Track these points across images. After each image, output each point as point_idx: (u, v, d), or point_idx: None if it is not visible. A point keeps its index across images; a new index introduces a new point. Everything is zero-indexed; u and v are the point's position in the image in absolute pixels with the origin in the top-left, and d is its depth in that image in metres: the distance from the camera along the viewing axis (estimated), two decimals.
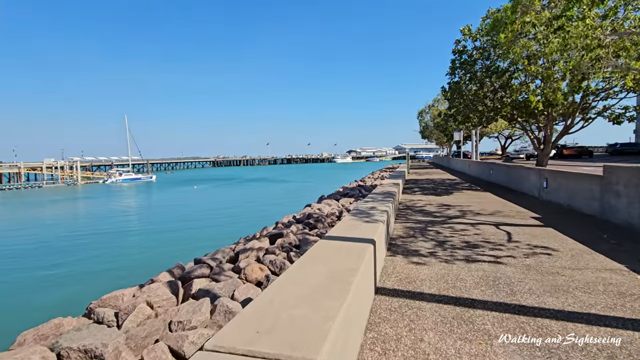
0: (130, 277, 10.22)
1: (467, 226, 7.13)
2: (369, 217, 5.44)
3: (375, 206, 6.57)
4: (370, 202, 7.20)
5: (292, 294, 2.38)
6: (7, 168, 75.89)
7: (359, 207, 6.64)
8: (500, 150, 62.48)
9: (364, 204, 7.03)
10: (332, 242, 3.95)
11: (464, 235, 6.39)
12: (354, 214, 5.82)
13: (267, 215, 21.69)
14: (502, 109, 13.96)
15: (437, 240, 6.10)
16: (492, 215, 8.22)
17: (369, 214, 5.73)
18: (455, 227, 7.11)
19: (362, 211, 6.05)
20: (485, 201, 10.69)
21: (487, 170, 18.24)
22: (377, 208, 6.32)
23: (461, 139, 31.69)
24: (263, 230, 10.73)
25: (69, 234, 18.67)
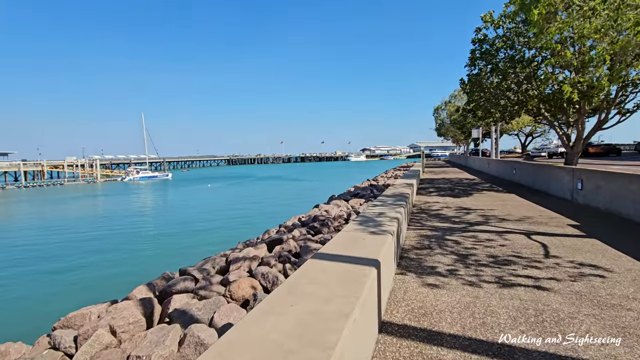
0: (120, 286, 9.63)
1: (492, 235, 6.13)
2: (376, 225, 4.55)
3: (384, 212, 5.66)
4: (379, 207, 6.29)
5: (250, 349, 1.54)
6: (31, 166, 78.17)
7: (366, 212, 5.75)
8: (520, 148, 60.10)
9: (372, 208, 6.14)
10: (324, 263, 3.09)
11: (489, 247, 5.41)
12: (359, 221, 4.94)
13: (275, 215, 20.99)
14: (527, 102, 12.73)
15: (457, 253, 5.14)
16: (520, 222, 7.17)
17: (377, 222, 4.84)
18: (479, 236, 6.12)
19: (369, 218, 5.16)
20: (510, 204, 9.59)
21: (510, 170, 16.96)
22: (387, 214, 5.42)
23: (480, 136, 30.16)
24: (265, 234, 9.97)
25: (73, 234, 18.44)
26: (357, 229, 4.47)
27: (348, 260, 3.14)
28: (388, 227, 4.39)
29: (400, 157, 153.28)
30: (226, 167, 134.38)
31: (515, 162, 16.76)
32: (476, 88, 13.75)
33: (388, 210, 5.75)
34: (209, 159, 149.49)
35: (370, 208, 6.22)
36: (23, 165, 76.54)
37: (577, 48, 9.14)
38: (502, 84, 13.04)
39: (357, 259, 3.17)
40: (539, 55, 11.64)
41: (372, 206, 6.44)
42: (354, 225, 4.73)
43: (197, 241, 15.49)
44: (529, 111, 14.19)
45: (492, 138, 28.95)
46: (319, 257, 3.32)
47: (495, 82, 13.25)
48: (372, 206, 6.44)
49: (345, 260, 3.13)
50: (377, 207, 6.31)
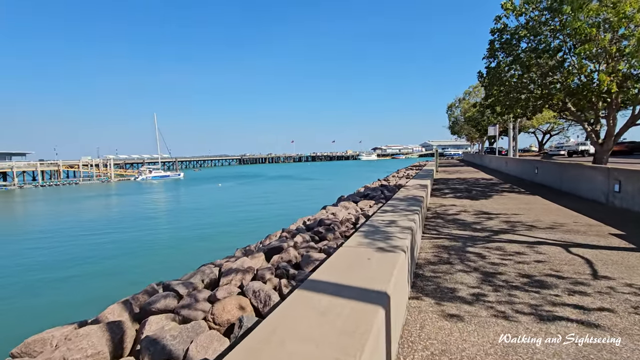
0: (112, 295, 9.08)
1: (521, 247, 5.26)
2: (385, 239, 3.78)
3: (395, 219, 4.88)
4: (389, 213, 5.50)
5: None
6: (47, 166, 79.93)
7: (374, 220, 4.98)
8: (538, 146, 58.05)
9: (381, 214, 5.36)
10: (314, 299, 2.34)
11: (521, 262, 4.56)
12: (365, 232, 4.17)
13: (283, 216, 20.35)
14: (553, 96, 11.67)
15: (482, 270, 4.32)
16: (553, 230, 6.26)
17: (386, 233, 4.06)
18: (506, 247, 5.26)
19: (377, 228, 4.38)
20: (536, 208, 8.64)
21: (531, 169, 15.85)
22: (398, 223, 4.63)
23: (497, 134, 28.85)
24: (266, 239, 9.28)
25: (76, 236, 18.16)
26: (362, 242, 3.70)
27: (347, 292, 2.38)
28: (400, 242, 3.61)
29: (412, 156, 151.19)
30: (237, 166, 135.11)
31: (537, 160, 15.65)
32: (495, 81, 12.74)
33: (399, 218, 4.96)
34: (220, 159, 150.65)
35: (379, 214, 5.43)
36: (40, 165, 78.28)
37: (614, 33, 8.12)
38: (525, 77, 12.02)
39: (359, 290, 2.41)
40: (567, 43, 10.59)
41: (381, 212, 5.66)
42: (359, 237, 3.96)
43: (201, 245, 14.94)
44: (552, 106, 13.10)
45: (509, 136, 27.65)
46: (310, 288, 2.56)
47: (516, 75, 12.23)
48: (381, 212, 5.66)
49: (343, 294, 2.37)
50: (387, 213, 5.52)
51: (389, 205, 6.36)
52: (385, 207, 6.25)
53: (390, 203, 6.62)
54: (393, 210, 5.76)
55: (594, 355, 2.49)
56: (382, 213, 5.54)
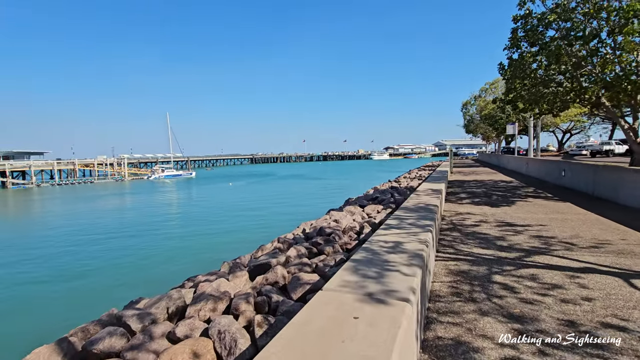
0: (99, 304, 8.28)
1: (563, 275, 4.12)
2: (383, 277, 2.74)
3: (401, 241, 3.82)
4: (394, 230, 4.44)
5: None
6: (64, 165, 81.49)
7: (373, 242, 3.93)
8: (557, 145, 55.56)
9: (384, 232, 4.30)
10: None
11: (565, 302, 3.43)
12: (357, 264, 3.13)
13: (289, 219, 19.42)
14: (587, 89, 10.32)
15: (516, 314, 3.22)
16: (598, 250, 5.07)
17: (387, 265, 3.02)
18: (542, 276, 4.13)
19: (376, 255, 3.34)
20: (571, 219, 7.40)
21: (556, 171, 14.43)
22: (405, 247, 3.58)
23: (516, 132, 27.19)
24: (258, 251, 8.31)
25: (78, 236, 17.65)
26: (350, 283, 2.67)
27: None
28: (404, 283, 2.56)
29: (425, 156, 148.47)
30: (249, 165, 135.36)
31: (564, 161, 14.22)
32: (519, 73, 11.43)
33: (407, 239, 3.89)
34: (232, 158, 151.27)
35: (382, 232, 4.38)
36: (57, 164, 79.77)
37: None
38: (553, 68, 10.70)
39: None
40: (604, 29, 9.24)
41: (385, 228, 4.60)
42: (348, 273, 2.92)
43: (198, 251, 14.13)
44: (583, 101, 11.71)
45: (530, 134, 25.99)
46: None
47: (543, 66, 10.91)
48: (385, 228, 4.60)
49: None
50: (392, 229, 4.46)
51: (395, 218, 5.29)
52: (391, 219, 5.19)
53: (397, 215, 5.54)
54: (399, 225, 4.69)
55: None
56: (386, 230, 4.49)
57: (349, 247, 7.52)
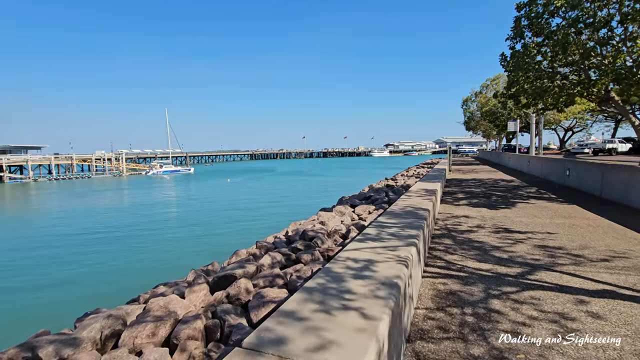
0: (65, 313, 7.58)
1: (574, 302, 3.35)
2: (331, 322, 1.98)
3: (375, 259, 3.05)
4: (370, 242, 3.67)
5: None
6: (61, 160, 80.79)
7: (337, 262, 3.16)
8: (559, 144, 54.71)
9: (355, 248, 3.52)
10: None
11: (585, 348, 2.67)
12: (308, 295, 2.37)
13: (281, 217, 18.69)
14: (595, 82, 9.50)
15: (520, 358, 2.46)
16: (614, 265, 4.29)
17: (347, 299, 2.25)
18: (551, 303, 3.35)
19: (337, 280, 2.57)
20: (579, 224, 6.62)
21: (560, 170, 13.63)
22: (378, 269, 2.81)
23: (517, 129, 26.33)
24: (232, 257, 7.56)
25: (51, 238, 16.93)
26: (283, 337, 1.89)
27: None
28: (359, 342, 1.79)
29: (425, 153, 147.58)
30: (249, 161, 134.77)
31: (569, 160, 13.41)
32: (522, 65, 10.60)
33: (383, 257, 3.12)
34: (232, 154, 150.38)
35: (355, 244, 3.61)
36: (54, 159, 79.08)
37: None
38: (559, 58, 9.88)
39: None
40: (619, 14, 8.41)
41: (361, 239, 3.82)
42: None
43: (184, 252, 13.40)
44: (591, 95, 10.89)
45: (531, 131, 25.14)
46: None
47: (548, 56, 10.08)
48: (361, 239, 3.82)
49: None
50: (368, 241, 3.69)
51: (376, 225, 4.51)
52: (371, 227, 4.41)
53: (380, 221, 4.76)
54: (379, 236, 3.92)
55: None
56: (361, 242, 3.71)
57: (330, 254, 6.76)
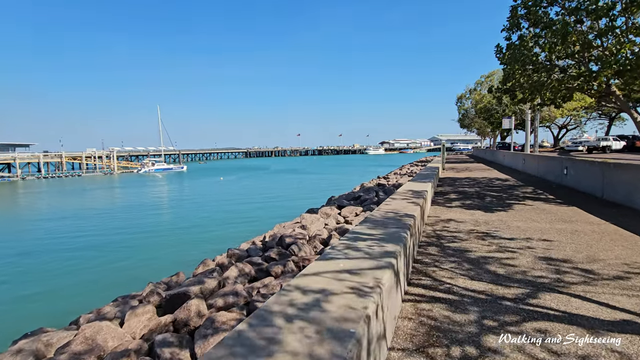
0: None
1: (590, 339, 2.67)
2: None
3: (335, 291, 2.32)
4: (336, 260, 2.95)
5: None
6: (50, 158, 79.23)
7: (281, 296, 2.44)
8: (553, 141, 54.51)
9: (313, 272, 2.79)
10: None
11: None
12: (227, 352, 1.64)
13: (268, 218, 17.93)
14: (597, 74, 8.84)
15: None
16: (632, 285, 3.61)
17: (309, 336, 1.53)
18: (558, 339, 2.67)
19: (271, 325, 1.85)
20: (582, 229, 5.96)
21: (558, 168, 13.03)
22: (333, 308, 2.08)
23: (512, 127, 25.77)
24: (199, 266, 6.82)
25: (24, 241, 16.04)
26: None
27: None
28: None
29: (421, 151, 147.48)
30: (243, 159, 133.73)
31: (567, 158, 12.80)
32: (519, 57, 9.92)
33: (345, 287, 2.39)
34: (227, 152, 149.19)
35: (316, 265, 2.88)
36: (43, 157, 77.52)
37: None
38: (558, 50, 9.21)
39: None
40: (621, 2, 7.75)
41: (324, 257, 3.10)
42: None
43: (161, 258, 12.60)
44: (591, 89, 10.25)
45: (526, 128, 24.60)
46: None
47: (547, 47, 9.41)
48: (324, 257, 3.10)
49: None
50: (334, 259, 2.97)
51: (349, 238, 3.77)
52: (343, 240, 3.68)
53: (356, 231, 4.04)
54: (347, 255, 3.17)
55: None
56: (325, 260, 2.99)
57: (306, 263, 6.04)
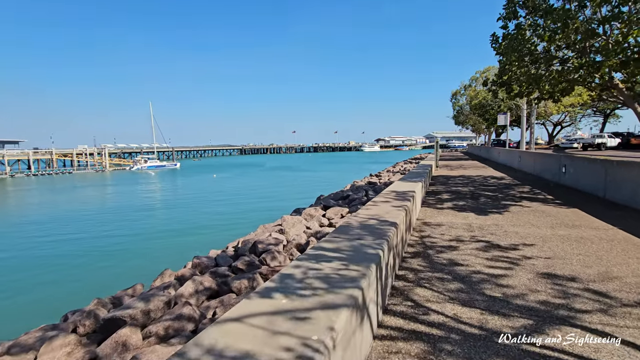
0: None
1: None
2: None
3: (256, 353, 1.57)
4: (296, 281, 2.20)
5: None
6: (40, 155, 77.82)
7: (203, 340, 1.68)
8: (547, 138, 54.22)
9: (244, 313, 2.05)
10: None
11: None
12: None
13: (256, 218, 17.18)
14: (600, 64, 8.15)
15: None
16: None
17: None
18: None
19: None
20: (589, 237, 5.28)
21: (555, 166, 12.39)
22: None
23: (507, 123, 25.16)
24: (158, 279, 6.06)
25: None
26: None
27: None
28: None
29: (416, 148, 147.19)
30: (238, 156, 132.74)
31: (565, 156, 12.15)
32: (517, 45, 9.20)
33: (284, 336, 1.65)
34: (221, 148, 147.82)
35: (247, 305, 2.14)
36: (32, 154, 76.09)
37: None
38: (559, 38, 8.50)
39: None
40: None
41: (269, 289, 2.35)
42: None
43: (129, 264, 11.82)
44: (592, 81, 9.57)
45: (522, 125, 24.00)
46: None
47: (547, 36, 8.69)
48: (269, 289, 2.35)
49: None
50: (275, 295, 2.22)
51: (310, 255, 3.02)
52: (300, 261, 2.93)
53: (320, 246, 3.28)
54: (304, 277, 2.43)
55: None
56: (276, 283, 2.25)
57: (269, 276, 5.31)
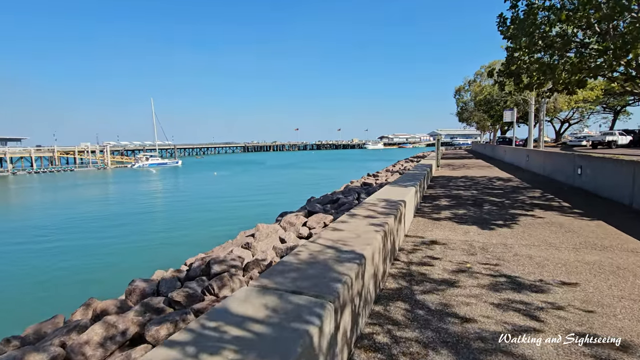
0: None
1: None
2: None
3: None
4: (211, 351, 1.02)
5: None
6: (42, 152, 77.90)
7: None
8: (555, 136, 52.56)
9: None
10: None
11: None
12: None
13: (249, 220, 16.13)
14: (627, 49, 6.85)
15: None
16: None
17: None
18: None
19: None
20: (627, 266, 4.04)
21: (569, 167, 11.09)
22: None
23: (514, 119, 23.75)
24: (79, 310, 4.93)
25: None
26: None
27: None
28: None
29: (420, 146, 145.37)
30: (241, 154, 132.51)
31: (581, 156, 10.83)
32: (528, 27, 7.90)
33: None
34: (224, 146, 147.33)
35: None
36: (34, 151, 76.17)
37: None
38: (579, 17, 7.21)
39: None
40: None
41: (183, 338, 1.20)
42: None
43: (101, 277, 10.78)
44: (617, 67, 8.25)
45: (530, 121, 22.60)
46: None
47: (564, 15, 7.39)
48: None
49: None
50: None
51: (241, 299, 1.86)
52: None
53: (262, 284, 2.11)
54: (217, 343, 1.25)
55: None
56: None
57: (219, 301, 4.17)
